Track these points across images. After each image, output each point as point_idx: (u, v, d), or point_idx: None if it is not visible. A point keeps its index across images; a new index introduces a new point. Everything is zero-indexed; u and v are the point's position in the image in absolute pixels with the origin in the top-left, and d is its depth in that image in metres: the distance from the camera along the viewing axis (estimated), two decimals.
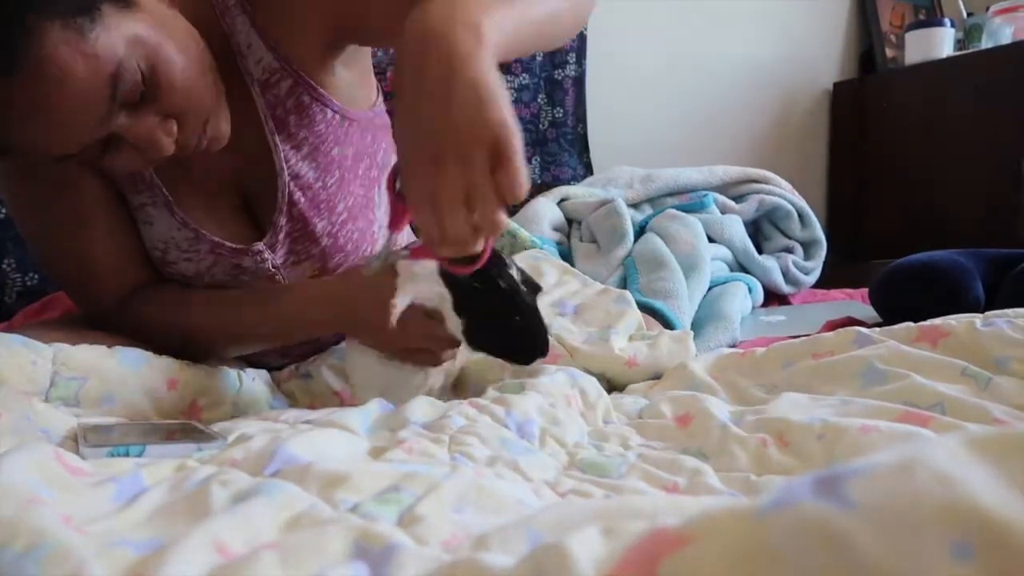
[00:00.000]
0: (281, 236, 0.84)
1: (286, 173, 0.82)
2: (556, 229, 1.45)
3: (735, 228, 1.42)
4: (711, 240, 1.38)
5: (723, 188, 1.53)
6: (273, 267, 0.86)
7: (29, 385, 0.67)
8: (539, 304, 0.73)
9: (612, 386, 0.87)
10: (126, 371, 0.73)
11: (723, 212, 1.47)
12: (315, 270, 0.89)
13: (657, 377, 0.86)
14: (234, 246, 0.83)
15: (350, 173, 0.87)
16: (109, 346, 0.74)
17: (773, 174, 1.54)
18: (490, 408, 0.67)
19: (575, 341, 0.87)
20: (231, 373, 0.83)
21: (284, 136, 0.81)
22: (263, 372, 0.91)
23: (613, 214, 1.38)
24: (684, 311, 1.11)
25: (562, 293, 0.97)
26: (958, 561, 0.19)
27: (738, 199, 1.51)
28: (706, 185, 1.50)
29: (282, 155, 0.81)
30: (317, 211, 0.85)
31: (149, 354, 0.76)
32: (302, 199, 0.83)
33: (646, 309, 1.03)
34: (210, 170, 0.82)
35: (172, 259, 0.84)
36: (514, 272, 0.70)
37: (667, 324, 1.06)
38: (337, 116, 0.84)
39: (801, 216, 1.49)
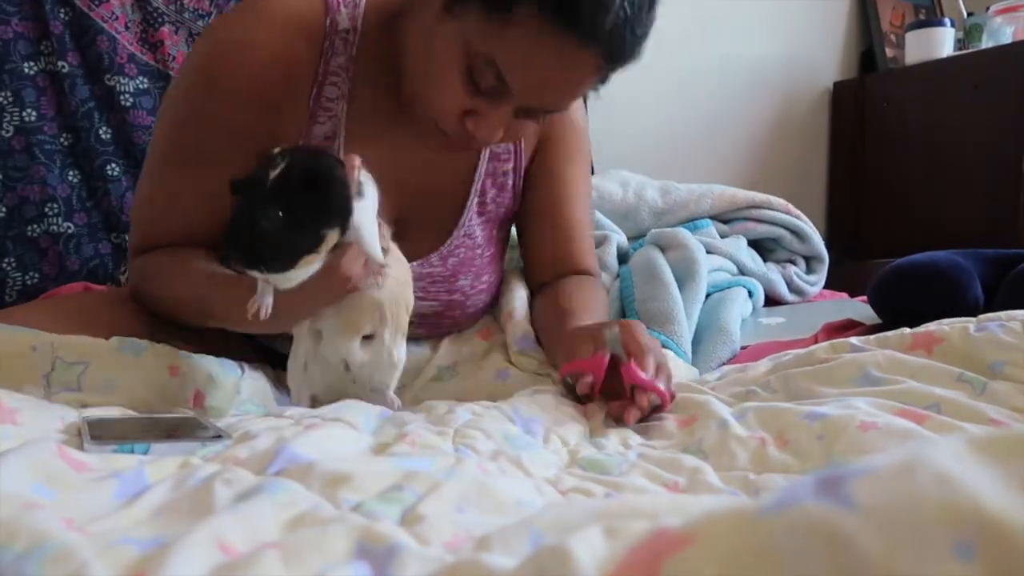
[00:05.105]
0: (427, 269, 0.88)
1: (464, 228, 0.90)
2: None
3: (739, 244, 1.42)
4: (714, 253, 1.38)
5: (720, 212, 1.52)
6: None
7: (29, 370, 0.67)
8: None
9: None
10: (126, 358, 0.73)
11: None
12: (433, 311, 0.91)
13: None
14: None
15: (500, 255, 0.97)
16: (107, 338, 0.74)
17: (774, 198, 1.51)
18: (497, 406, 0.68)
19: None
20: (232, 363, 0.83)
21: (480, 200, 0.91)
22: (265, 367, 0.90)
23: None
24: (683, 335, 1.09)
25: None
26: (961, 561, 0.19)
27: (731, 222, 1.51)
28: (711, 212, 1.50)
29: (471, 212, 0.90)
30: (469, 268, 0.92)
31: (147, 342, 0.76)
32: (463, 254, 0.91)
33: None
34: (398, 174, 0.80)
35: None
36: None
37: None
38: (513, 208, 0.96)
39: (799, 234, 1.49)
